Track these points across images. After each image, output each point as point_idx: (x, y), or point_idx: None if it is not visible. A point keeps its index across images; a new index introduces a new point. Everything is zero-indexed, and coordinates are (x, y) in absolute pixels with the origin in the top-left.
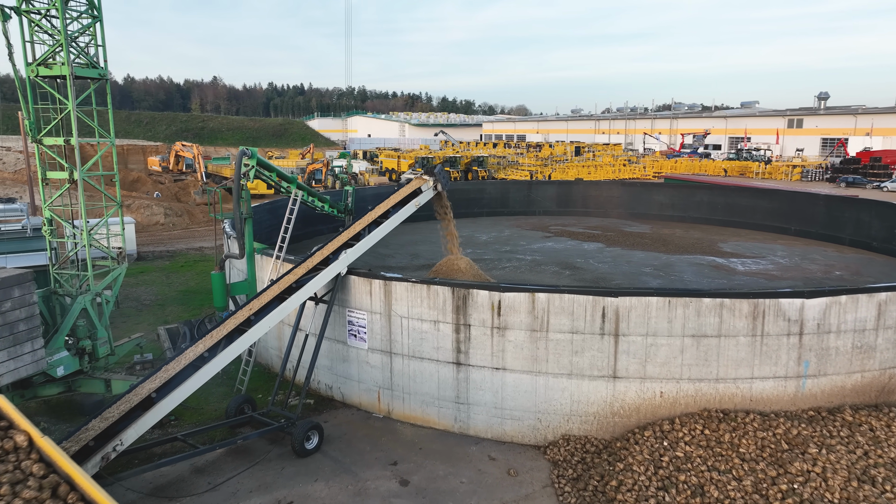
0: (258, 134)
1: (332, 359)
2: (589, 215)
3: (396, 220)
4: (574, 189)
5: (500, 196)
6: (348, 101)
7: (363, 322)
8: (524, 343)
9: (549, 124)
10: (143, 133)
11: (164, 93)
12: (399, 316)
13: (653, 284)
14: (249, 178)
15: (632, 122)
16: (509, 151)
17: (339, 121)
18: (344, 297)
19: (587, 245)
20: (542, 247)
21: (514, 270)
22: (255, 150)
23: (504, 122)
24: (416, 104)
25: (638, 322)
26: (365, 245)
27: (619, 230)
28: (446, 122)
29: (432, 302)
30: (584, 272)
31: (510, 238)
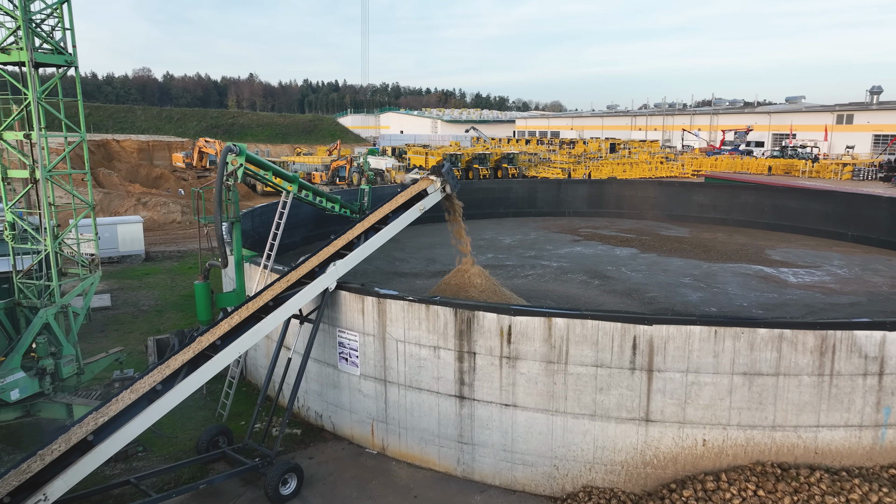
0: (288, 130)
1: (322, 384)
2: (622, 217)
3: (397, 226)
4: (607, 188)
5: (527, 196)
6: (382, 97)
7: (355, 344)
8: (539, 376)
9: (583, 121)
10: (174, 129)
11: (202, 90)
12: (394, 339)
13: (693, 298)
14: (238, 177)
15: (670, 119)
16: (541, 148)
17: (372, 117)
18: (334, 314)
19: (619, 250)
20: (569, 252)
21: (536, 279)
22: (243, 146)
23: (537, 119)
24: (449, 100)
25: (676, 355)
26: (359, 255)
27: (654, 234)
28: (479, 118)
29: (432, 324)
30: (615, 282)
31: (536, 241)
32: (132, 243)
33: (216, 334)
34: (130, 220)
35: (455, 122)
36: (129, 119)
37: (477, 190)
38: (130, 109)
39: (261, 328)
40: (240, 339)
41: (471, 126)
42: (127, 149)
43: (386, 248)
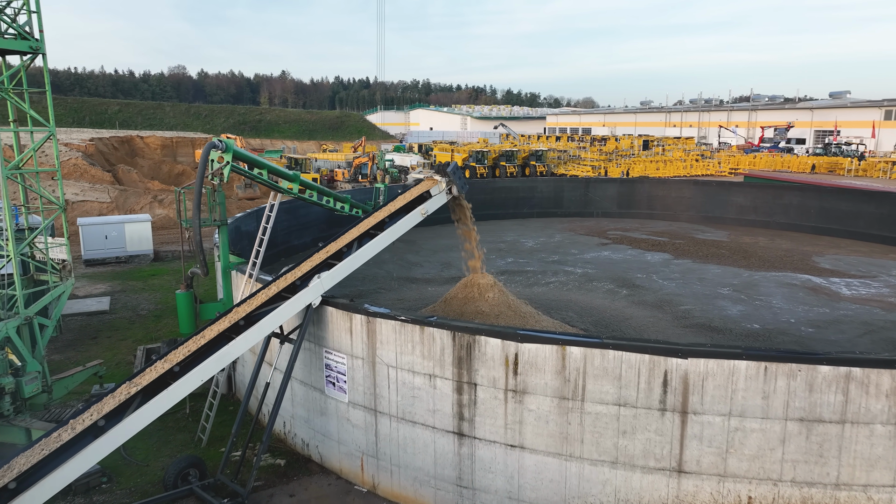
0: (315, 127)
1: (308, 409)
2: (654, 218)
3: (395, 232)
4: (638, 188)
5: (553, 195)
6: (412, 94)
7: (343, 368)
8: (550, 414)
9: (616, 117)
10: (202, 126)
11: (235, 87)
12: (385, 364)
13: (732, 312)
14: (224, 176)
15: (705, 115)
16: (571, 145)
17: (402, 114)
18: (320, 333)
19: (651, 256)
20: (596, 257)
21: (558, 287)
22: (230, 141)
23: (569, 115)
24: (479, 97)
25: (717, 395)
26: (348, 266)
27: (689, 237)
28: (509, 114)
29: (427, 349)
30: (645, 292)
31: (560, 245)
32: (140, 243)
33: (174, 360)
34: (139, 218)
35: (485, 118)
36: (157, 115)
37: (499, 189)
38: (159, 106)
39: (228, 352)
40: (201, 367)
41: (499, 123)
42: (151, 145)
43: (400, 250)
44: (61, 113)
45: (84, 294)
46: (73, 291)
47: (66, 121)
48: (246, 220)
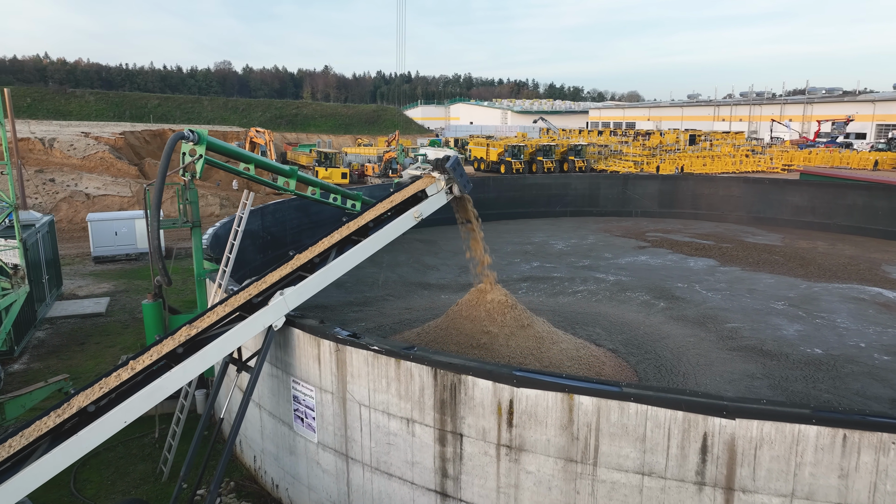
0: (351, 121)
1: (278, 445)
2: (699, 219)
3: (381, 239)
4: (681, 185)
5: (588, 192)
6: (454, 88)
7: (311, 402)
8: (553, 479)
9: (661, 111)
10: (238, 119)
11: (279, 82)
12: (357, 402)
13: (789, 333)
14: (197, 172)
15: (757, 109)
16: (613, 140)
17: (442, 108)
18: (287, 358)
19: (694, 262)
20: (632, 262)
21: (587, 297)
22: (202, 131)
23: (612, 109)
24: (521, 91)
25: (775, 470)
26: (320, 280)
27: (738, 240)
28: (551, 108)
29: (404, 388)
30: (686, 305)
31: (593, 248)
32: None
33: (91, 396)
34: None
35: (525, 112)
36: (195, 110)
37: (530, 185)
38: (198, 100)
39: (160, 387)
40: (123, 406)
41: (539, 116)
42: None
43: (417, 251)
44: (102, 107)
45: (85, 294)
46: (75, 291)
47: (107, 115)
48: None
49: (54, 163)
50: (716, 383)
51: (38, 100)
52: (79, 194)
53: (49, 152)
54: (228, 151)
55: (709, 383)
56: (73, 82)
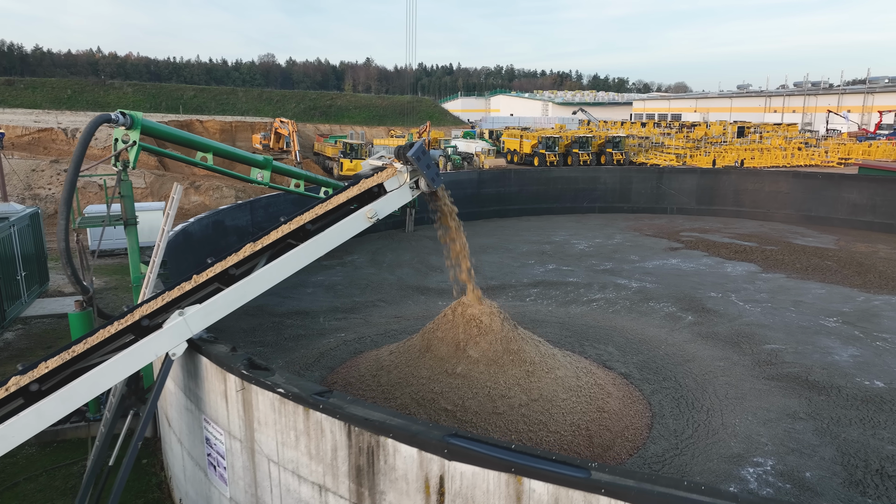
0: (385, 112)
1: (196, 491)
2: (741, 217)
3: (322, 244)
4: (722, 180)
5: (618, 186)
6: (495, 80)
7: (222, 447)
8: None
9: (709, 102)
10: (272, 111)
11: (321, 74)
12: (265, 456)
13: (842, 358)
14: (130, 162)
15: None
16: (655, 132)
17: (483, 100)
18: (198, 391)
19: (732, 267)
20: (660, 266)
21: (603, 307)
22: (137, 114)
23: (657, 101)
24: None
25: None
26: (235, 297)
27: (785, 242)
28: (594, 100)
29: (314, 445)
30: (719, 319)
31: (619, 249)
32: (153, 233)
33: None
34: (152, 206)
35: (567, 104)
36: (230, 101)
37: (555, 179)
38: (233, 91)
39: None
40: None
41: (579, 108)
42: (210, 129)
43: (424, 250)
44: (139, 99)
45: (72, 291)
46: (61, 288)
47: (144, 106)
48: (233, 214)
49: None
50: (747, 424)
51: (77, 91)
52: (91, 185)
53: (70, 142)
54: (176, 138)
55: (738, 424)
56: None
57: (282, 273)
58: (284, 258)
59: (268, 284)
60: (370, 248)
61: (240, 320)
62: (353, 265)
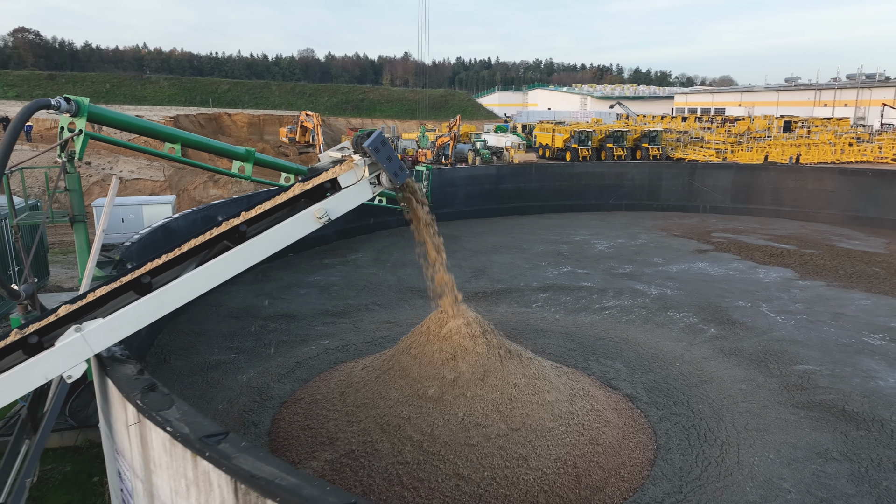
0: (417, 106)
1: None
2: (780, 216)
3: (258, 248)
4: (761, 176)
5: (647, 183)
6: (534, 74)
7: (129, 484)
8: None
9: (754, 96)
10: (305, 104)
11: (359, 69)
12: (161, 502)
13: (889, 383)
14: (77, 153)
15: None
16: (694, 126)
17: (520, 94)
18: (109, 417)
19: (765, 272)
20: (686, 270)
21: (616, 316)
22: (83, 100)
23: (700, 94)
24: (605, 76)
25: None
26: (147, 310)
27: (827, 245)
28: (634, 94)
29: (204, 497)
30: (745, 333)
31: (642, 250)
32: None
33: None
34: (159, 200)
35: (605, 98)
36: (263, 94)
37: (579, 174)
38: (266, 85)
39: None
40: None
41: (616, 102)
42: (238, 122)
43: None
44: (175, 93)
45: (71, 286)
46: (59, 284)
47: (179, 100)
48: (228, 209)
49: (97, 146)
50: (768, 464)
51: (116, 86)
52: (112, 178)
53: None
54: (132, 126)
55: (757, 463)
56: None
57: (208, 282)
58: (211, 265)
59: (190, 294)
60: (377, 245)
61: (221, 323)
62: (354, 264)
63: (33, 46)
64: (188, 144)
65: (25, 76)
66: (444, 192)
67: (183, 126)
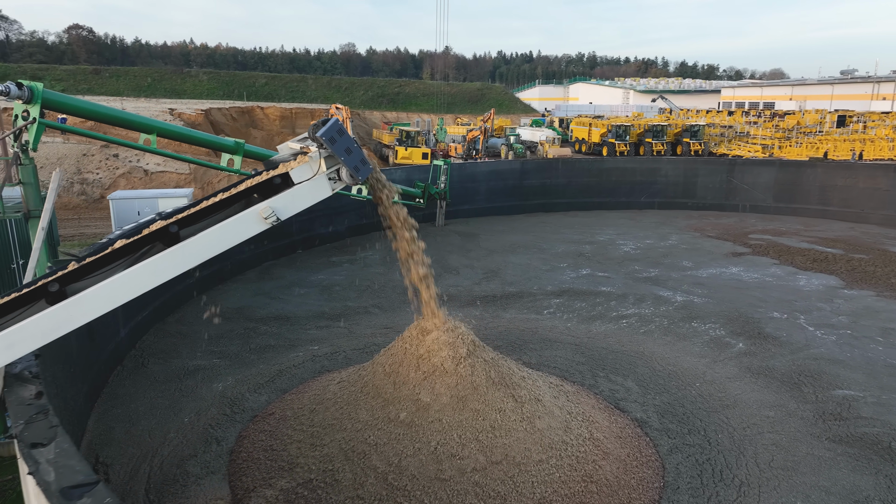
0: (453, 100)
1: None
2: (827, 217)
3: (191, 253)
4: (807, 174)
5: (682, 180)
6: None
7: None
8: None
9: (806, 89)
10: (340, 98)
11: (400, 63)
12: None
13: None
14: (31, 142)
15: None
16: (740, 120)
17: (561, 88)
18: None
19: (806, 279)
20: (716, 275)
21: (633, 327)
22: (37, 85)
23: (748, 88)
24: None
25: None
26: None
27: (879, 250)
28: (679, 87)
29: None
30: (778, 349)
31: (670, 252)
32: None
33: None
34: (176, 193)
35: (649, 91)
36: (300, 88)
37: (608, 170)
38: (302, 79)
39: None
40: None
41: (658, 95)
42: (270, 116)
43: (448, 247)
44: (214, 86)
45: None
46: None
47: (217, 93)
48: None
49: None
50: None
51: (157, 80)
52: (137, 170)
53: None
54: (95, 114)
55: None
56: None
57: (129, 290)
58: (133, 271)
59: (107, 304)
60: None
61: (210, 324)
62: (362, 262)
63: (86, 43)
64: (165, 135)
65: (72, 71)
66: (464, 188)
67: (215, 119)
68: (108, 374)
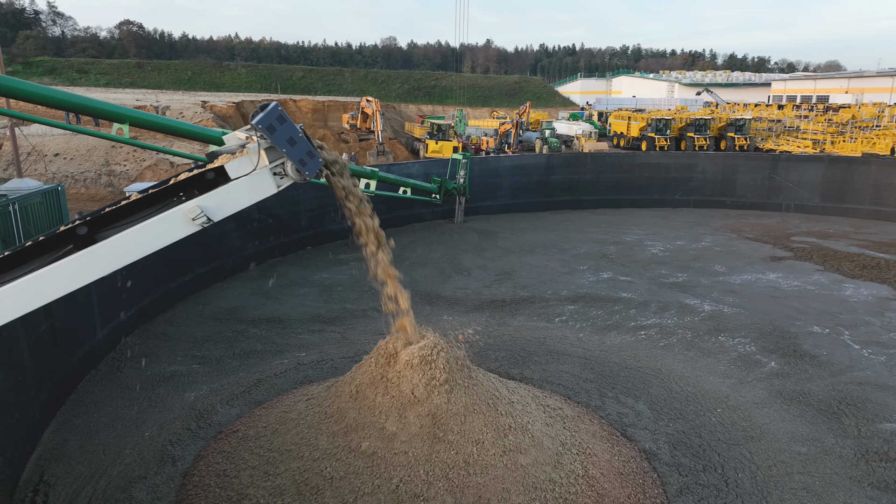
0: (490, 93)
1: None
2: (881, 219)
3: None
4: (859, 171)
5: (720, 176)
6: (620, 61)
7: None
8: None
9: (864, 82)
10: (376, 91)
11: (441, 56)
12: None
13: None
14: None
15: None
16: (790, 114)
17: (604, 81)
18: None
19: (853, 288)
20: (753, 281)
21: (651, 339)
22: None
23: (800, 81)
24: (696, 62)
25: None
26: None
27: None
28: (726, 80)
29: None
30: (816, 370)
31: (703, 254)
32: None
33: None
34: None
35: (695, 84)
36: (336, 81)
37: (640, 166)
38: (339, 72)
39: None
40: None
41: (703, 89)
42: (303, 108)
43: (463, 245)
44: (252, 79)
45: None
46: None
47: (255, 87)
48: None
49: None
50: None
51: (197, 73)
52: (164, 162)
53: None
54: (56, 102)
55: None
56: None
57: (26, 301)
58: (32, 279)
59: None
60: (404, 240)
61: (198, 326)
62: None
63: (136, 38)
64: (139, 124)
65: (116, 64)
66: (486, 183)
67: (247, 112)
68: (79, 379)
